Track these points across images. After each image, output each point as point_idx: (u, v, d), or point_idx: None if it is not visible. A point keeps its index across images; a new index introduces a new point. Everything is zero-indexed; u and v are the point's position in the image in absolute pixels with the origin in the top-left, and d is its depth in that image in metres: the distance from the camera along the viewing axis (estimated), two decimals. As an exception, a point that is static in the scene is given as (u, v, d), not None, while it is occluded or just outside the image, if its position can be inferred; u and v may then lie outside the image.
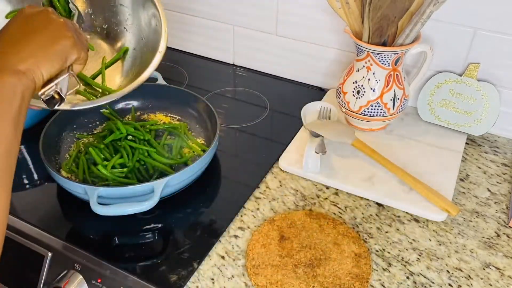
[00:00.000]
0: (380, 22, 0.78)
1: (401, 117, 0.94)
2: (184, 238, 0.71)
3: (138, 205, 0.67)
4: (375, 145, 0.84)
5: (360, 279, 0.64)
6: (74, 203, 0.74)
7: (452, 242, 0.70)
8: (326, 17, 0.97)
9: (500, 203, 0.77)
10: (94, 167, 0.76)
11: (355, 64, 0.85)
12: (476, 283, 0.64)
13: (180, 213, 0.76)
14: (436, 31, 0.87)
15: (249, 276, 0.64)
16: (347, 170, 0.81)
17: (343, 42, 0.99)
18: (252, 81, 1.10)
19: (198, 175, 0.78)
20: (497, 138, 0.92)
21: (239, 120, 0.96)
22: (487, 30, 0.84)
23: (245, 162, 0.87)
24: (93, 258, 0.67)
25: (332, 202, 0.77)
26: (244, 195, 0.78)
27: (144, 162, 0.79)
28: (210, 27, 1.13)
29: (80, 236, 0.72)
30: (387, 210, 0.75)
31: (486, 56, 0.86)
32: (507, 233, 0.72)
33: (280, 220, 0.72)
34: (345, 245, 0.68)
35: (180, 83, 1.08)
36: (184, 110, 0.91)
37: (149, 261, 0.68)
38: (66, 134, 0.86)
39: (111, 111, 0.90)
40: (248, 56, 1.13)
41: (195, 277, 0.65)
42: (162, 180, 0.69)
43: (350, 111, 0.87)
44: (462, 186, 0.80)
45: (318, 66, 1.05)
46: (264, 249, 0.68)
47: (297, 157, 0.84)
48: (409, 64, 0.93)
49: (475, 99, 0.88)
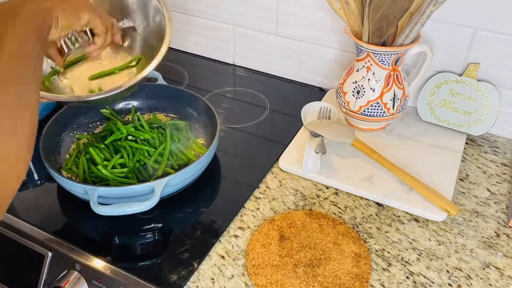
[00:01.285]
0: (380, 22, 0.78)
1: (401, 117, 0.94)
2: (184, 238, 0.71)
3: (138, 205, 0.67)
4: (375, 145, 0.84)
5: (360, 279, 0.64)
6: (74, 203, 0.74)
7: (452, 242, 0.70)
8: (326, 17, 0.97)
9: (500, 203, 0.77)
10: (94, 167, 0.76)
11: (355, 64, 0.85)
12: (476, 283, 0.64)
13: (180, 213, 0.76)
14: (436, 31, 0.88)
15: (249, 276, 0.64)
16: (347, 170, 0.81)
17: (343, 42, 0.99)
18: (252, 81, 1.10)
19: (198, 175, 0.78)
20: (497, 138, 0.92)
21: (239, 120, 0.96)
22: (487, 30, 0.84)
23: (245, 162, 0.87)
24: (93, 258, 0.67)
25: (332, 202, 0.77)
26: (244, 195, 0.78)
27: (144, 162, 0.79)
28: (210, 27, 1.13)
29: (80, 236, 0.72)
30: (387, 210, 0.76)
31: (486, 56, 0.86)
32: (507, 233, 0.72)
33: (280, 220, 0.72)
34: (345, 245, 0.68)
35: (180, 83, 1.09)
36: (184, 110, 0.91)
37: (149, 261, 0.68)
38: (66, 134, 0.86)
39: (111, 111, 0.91)
40: (248, 56, 1.13)
41: (195, 277, 0.65)
42: (162, 180, 0.69)
43: (350, 111, 0.87)
44: (462, 186, 0.80)
45: (318, 66, 1.05)
46: (264, 249, 0.68)
47: (297, 157, 0.84)
48: (409, 64, 0.93)
49: (475, 99, 0.88)
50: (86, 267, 0.67)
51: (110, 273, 0.66)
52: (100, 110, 0.91)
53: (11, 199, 0.42)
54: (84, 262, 0.67)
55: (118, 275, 0.65)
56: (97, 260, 0.67)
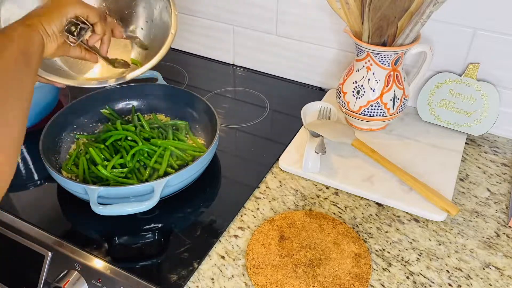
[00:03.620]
0: (380, 22, 0.78)
1: (401, 117, 0.94)
2: (184, 238, 0.71)
3: (138, 205, 0.67)
4: (375, 145, 0.84)
5: (360, 279, 0.64)
6: (74, 203, 0.74)
7: (452, 242, 0.70)
8: (326, 17, 0.97)
9: (500, 203, 0.77)
10: (94, 167, 0.76)
11: (355, 64, 0.85)
12: (476, 283, 0.64)
13: (180, 213, 0.76)
14: (436, 31, 0.88)
15: (249, 276, 0.64)
16: (347, 170, 0.81)
17: (342, 42, 0.99)
18: (252, 81, 1.10)
19: (198, 175, 0.78)
20: (497, 138, 0.92)
21: (239, 120, 0.96)
22: (487, 30, 0.84)
23: (245, 162, 0.87)
24: (93, 258, 0.67)
25: (332, 202, 0.77)
26: (244, 195, 0.78)
27: (144, 162, 0.79)
28: (210, 27, 1.13)
29: (80, 236, 0.72)
30: (387, 210, 0.76)
31: (486, 56, 0.86)
32: (507, 233, 0.72)
33: (280, 220, 0.72)
34: (345, 245, 0.68)
35: (180, 83, 1.09)
36: (184, 110, 0.91)
37: (149, 261, 0.68)
38: (66, 134, 0.86)
39: (111, 111, 0.91)
40: (248, 56, 1.13)
41: (195, 277, 0.65)
42: (162, 180, 0.69)
43: (350, 111, 0.87)
44: (462, 186, 0.80)
45: (318, 66, 1.05)
46: (264, 249, 0.68)
47: (297, 157, 0.84)
48: (409, 64, 0.93)
49: (475, 99, 0.88)
50: (86, 267, 0.67)
51: (110, 273, 0.66)
52: (100, 110, 0.91)
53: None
54: (84, 262, 0.67)
55: (118, 275, 0.65)
56: (97, 260, 0.67)
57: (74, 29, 0.64)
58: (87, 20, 0.65)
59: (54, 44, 0.61)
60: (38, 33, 0.58)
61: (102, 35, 0.69)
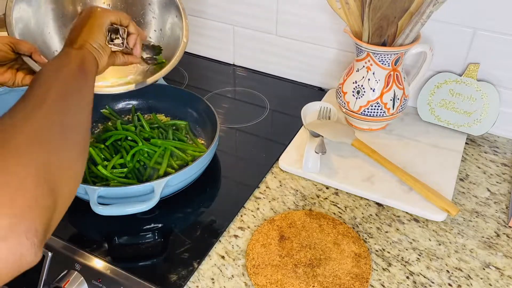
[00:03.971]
0: (380, 22, 0.78)
1: (401, 117, 0.94)
2: (184, 238, 0.71)
3: (138, 205, 0.67)
4: (375, 145, 0.84)
5: (360, 279, 0.64)
6: (74, 203, 0.74)
7: (452, 242, 0.70)
8: (326, 17, 0.97)
9: (500, 203, 0.77)
10: (94, 167, 0.76)
11: (355, 64, 0.85)
12: (476, 283, 0.64)
13: (180, 213, 0.76)
14: (436, 31, 0.88)
15: (249, 276, 0.64)
16: (347, 170, 0.81)
17: (342, 42, 0.99)
18: (252, 81, 1.10)
19: (198, 175, 0.78)
20: (497, 138, 0.92)
21: (239, 120, 0.97)
22: (487, 30, 0.84)
23: (245, 162, 0.87)
24: (93, 258, 0.67)
25: (332, 202, 0.77)
26: (244, 195, 0.78)
27: (144, 162, 0.79)
28: (210, 27, 1.13)
29: (80, 236, 0.72)
30: (387, 210, 0.76)
31: (486, 56, 0.86)
32: (507, 233, 0.72)
33: (280, 220, 0.72)
34: (345, 245, 0.68)
35: (180, 83, 1.09)
36: (184, 110, 0.91)
37: (149, 261, 0.68)
38: (66, 134, 0.86)
39: (111, 111, 0.91)
40: (248, 56, 1.13)
41: (195, 277, 0.65)
42: (162, 180, 0.69)
43: (350, 111, 0.87)
44: (462, 186, 0.80)
45: (318, 66, 1.05)
46: (264, 249, 0.68)
47: (297, 157, 0.84)
48: (409, 64, 0.93)
49: (475, 99, 0.88)
50: (86, 267, 0.67)
51: (110, 273, 0.66)
52: (100, 110, 0.91)
53: None
54: (84, 262, 0.67)
55: (118, 275, 0.65)
56: (97, 260, 0.67)
57: (115, 36, 0.66)
58: (121, 24, 0.67)
59: (105, 57, 0.63)
60: (90, 52, 0.60)
61: (137, 34, 0.71)
